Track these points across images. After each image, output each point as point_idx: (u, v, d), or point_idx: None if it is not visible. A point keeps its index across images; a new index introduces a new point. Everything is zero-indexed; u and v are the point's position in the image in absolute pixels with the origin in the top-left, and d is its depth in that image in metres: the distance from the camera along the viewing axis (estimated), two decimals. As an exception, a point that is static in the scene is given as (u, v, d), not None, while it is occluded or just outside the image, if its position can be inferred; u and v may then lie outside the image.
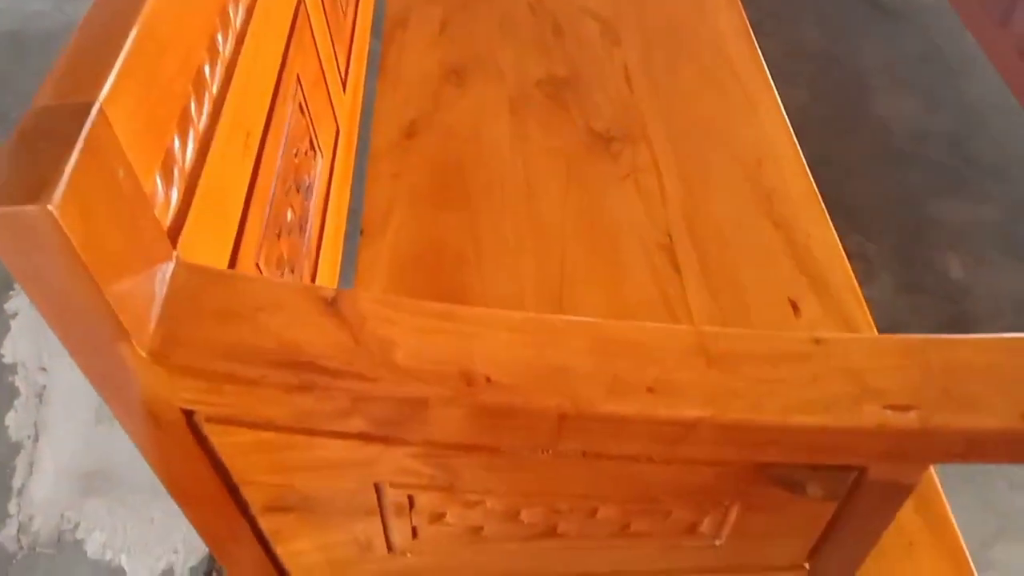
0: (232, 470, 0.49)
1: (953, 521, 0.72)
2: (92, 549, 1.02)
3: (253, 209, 0.59)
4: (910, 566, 0.70)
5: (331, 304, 0.46)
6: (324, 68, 0.83)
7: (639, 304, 0.90)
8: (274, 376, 0.42)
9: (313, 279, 0.74)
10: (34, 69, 1.83)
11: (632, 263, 0.94)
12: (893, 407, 0.48)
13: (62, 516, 1.05)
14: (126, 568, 1.01)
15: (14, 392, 1.17)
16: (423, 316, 0.47)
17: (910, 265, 1.54)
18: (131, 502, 1.08)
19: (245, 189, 0.58)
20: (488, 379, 0.45)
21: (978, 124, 1.83)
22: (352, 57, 0.99)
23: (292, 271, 0.68)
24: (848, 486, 0.53)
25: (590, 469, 0.51)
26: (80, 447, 1.14)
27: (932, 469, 0.78)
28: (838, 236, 0.98)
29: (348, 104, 0.95)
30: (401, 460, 0.49)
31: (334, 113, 0.87)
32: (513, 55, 1.21)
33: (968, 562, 0.71)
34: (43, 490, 1.07)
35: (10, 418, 1.13)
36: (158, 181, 0.45)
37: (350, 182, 0.92)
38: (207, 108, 0.53)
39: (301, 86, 0.74)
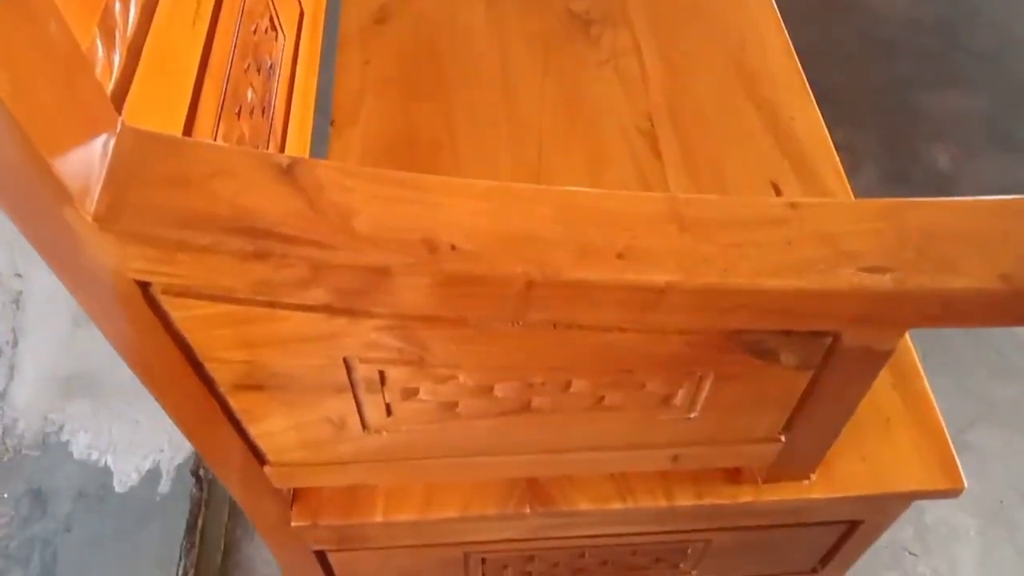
0: (195, 346, 0.48)
1: (932, 398, 0.73)
2: (77, 450, 1.03)
3: (208, 83, 0.56)
4: (887, 441, 0.71)
5: (287, 171, 0.44)
6: (284, -57, 0.79)
7: (618, 189, 0.88)
8: (228, 243, 0.41)
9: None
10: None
11: (612, 149, 0.92)
12: (868, 269, 0.47)
13: (46, 419, 1.05)
14: (112, 468, 1.02)
15: (-11, 299, 1.16)
16: (384, 184, 0.45)
17: (896, 156, 1.52)
18: (114, 404, 1.08)
19: (197, 60, 0.55)
20: (452, 247, 0.44)
21: (970, 9, 1.78)
22: (316, -64, 0.94)
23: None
24: (822, 353, 0.52)
25: (561, 340, 0.50)
26: (60, 351, 1.13)
27: (912, 350, 0.78)
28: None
29: (314, -17, 0.91)
30: (368, 334, 0.48)
31: (298, -6, 0.83)
32: (487, -63, 1.16)
33: (946, 438, 0.72)
34: (25, 394, 1.07)
35: (-13, 324, 1.12)
36: (98, 42, 0.42)
37: (316, 68, 0.89)
38: (149, -29, 0.49)
39: (259, -41, 0.70)
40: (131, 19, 0.47)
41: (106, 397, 1.09)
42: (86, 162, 0.39)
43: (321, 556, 0.76)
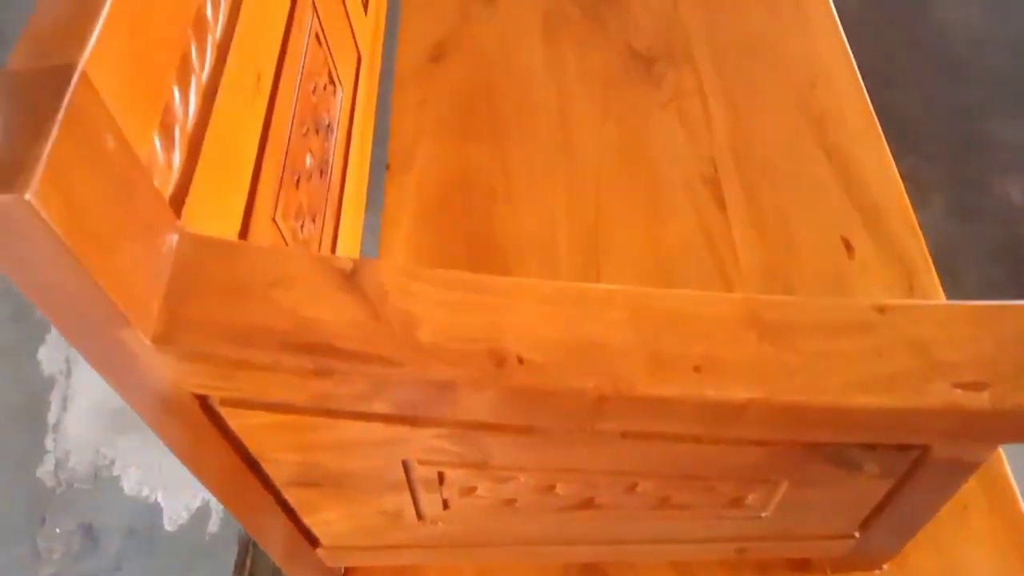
0: (252, 449, 0.46)
1: (1013, 483, 0.69)
2: (128, 486, 1.03)
3: (267, 159, 0.54)
4: (964, 529, 0.67)
5: (349, 277, 0.42)
6: (343, -9, 0.77)
7: (680, 243, 0.85)
8: (289, 361, 0.39)
9: (336, 225, 0.70)
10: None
11: (673, 198, 0.88)
12: (963, 385, 0.44)
13: (97, 452, 1.05)
14: (162, 504, 1.02)
15: (45, 326, 1.16)
16: (449, 288, 0.43)
17: (966, 188, 1.46)
18: (165, 436, 1.08)
19: (257, 139, 0.53)
20: (520, 359, 0.41)
21: (1047, 31, 1.70)
22: (373, -24, 0.92)
23: (313, 220, 0.64)
24: (908, 464, 0.49)
25: (630, 447, 0.47)
26: (113, 380, 1.13)
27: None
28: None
29: (370, 27, 0.89)
30: (429, 440, 0.46)
31: (355, 39, 0.82)
32: (546, -32, 1.13)
33: (1025, 523, 0.68)
34: (77, 426, 1.08)
35: (42, 352, 1.13)
36: (156, 144, 0.41)
37: (374, 114, 0.87)
38: (210, 53, 0.48)
39: (317, 13, 0.68)
40: (191, 110, 0.45)
41: (157, 428, 1.09)
42: (143, 282, 0.37)
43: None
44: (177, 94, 0.44)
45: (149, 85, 0.40)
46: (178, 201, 0.43)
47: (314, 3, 0.68)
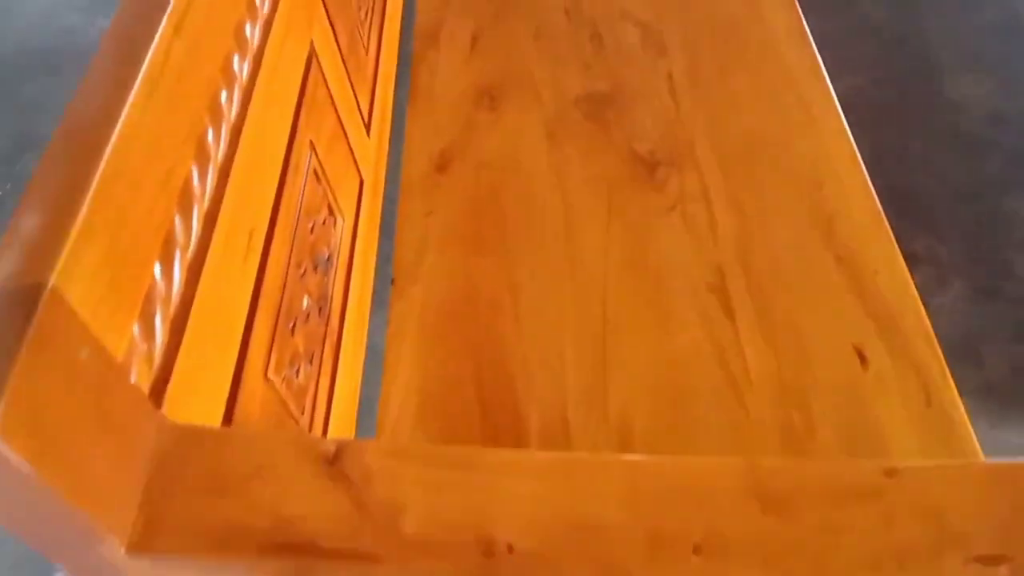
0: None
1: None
2: None
3: (260, 316, 0.54)
4: None
5: (332, 462, 0.41)
6: (343, 120, 0.78)
7: (689, 355, 0.83)
8: (268, 564, 0.38)
9: (335, 360, 0.69)
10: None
11: (681, 308, 0.87)
12: (980, 559, 0.41)
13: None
14: None
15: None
16: (435, 466, 0.42)
17: (984, 268, 1.43)
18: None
19: (249, 299, 0.53)
20: (510, 547, 0.40)
21: (1061, 104, 1.69)
22: (377, 95, 0.94)
23: (311, 361, 0.64)
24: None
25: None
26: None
27: None
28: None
29: (373, 148, 0.90)
30: (419, 624, 0.44)
31: (356, 165, 0.82)
32: (549, 70, 1.14)
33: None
34: None
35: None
36: (136, 335, 0.41)
37: (377, 237, 0.87)
38: (197, 223, 0.48)
39: (315, 151, 0.69)
40: (176, 287, 0.45)
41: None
42: (119, 490, 0.36)
43: None
44: (160, 273, 0.44)
45: (130, 277, 0.40)
46: (159, 387, 0.42)
47: (312, 143, 0.68)
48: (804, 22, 1.16)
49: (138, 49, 0.44)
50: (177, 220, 0.46)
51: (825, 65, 1.13)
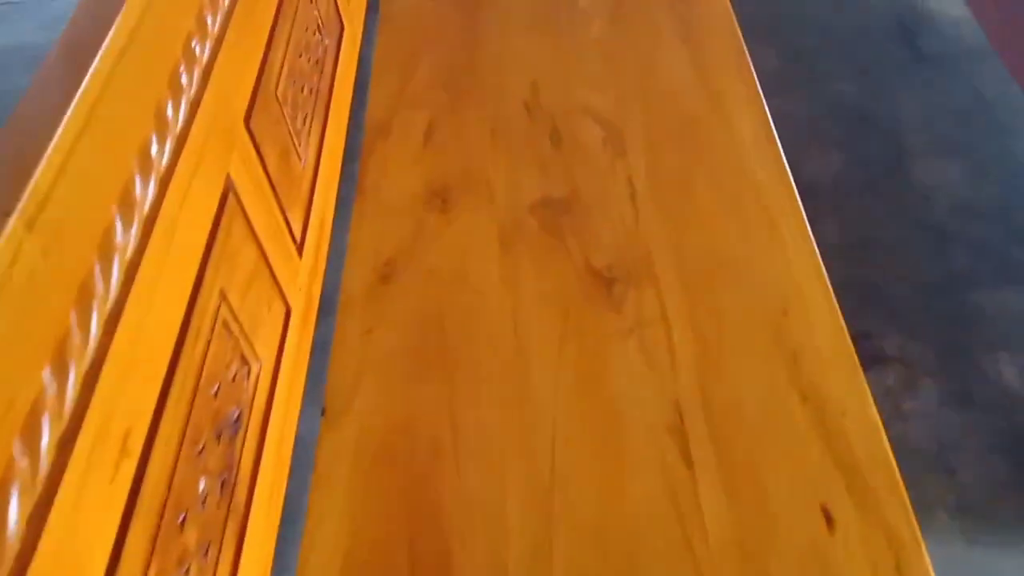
0: None
1: None
2: None
3: (135, 529, 0.46)
4: None
5: None
6: (266, 251, 0.71)
7: (643, 511, 0.76)
8: None
9: (240, 542, 0.61)
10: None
11: (635, 451, 0.80)
12: None
13: None
14: None
15: None
16: None
17: (956, 370, 1.38)
18: None
19: (119, 517, 0.45)
20: None
21: (1031, 193, 1.67)
22: (315, 206, 0.87)
23: (206, 554, 0.56)
24: None
25: None
26: None
27: None
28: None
29: (307, 269, 0.83)
30: None
31: (283, 295, 0.75)
32: (506, 170, 1.08)
33: None
34: None
35: None
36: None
37: (304, 372, 0.80)
38: (48, 453, 0.40)
39: (226, 300, 0.62)
40: (12, 528, 0.37)
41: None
42: None
43: None
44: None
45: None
46: None
47: (222, 291, 0.61)
48: (772, 125, 1.11)
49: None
50: (17, 449, 0.38)
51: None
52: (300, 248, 0.81)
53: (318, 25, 0.93)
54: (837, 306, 0.91)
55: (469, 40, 1.28)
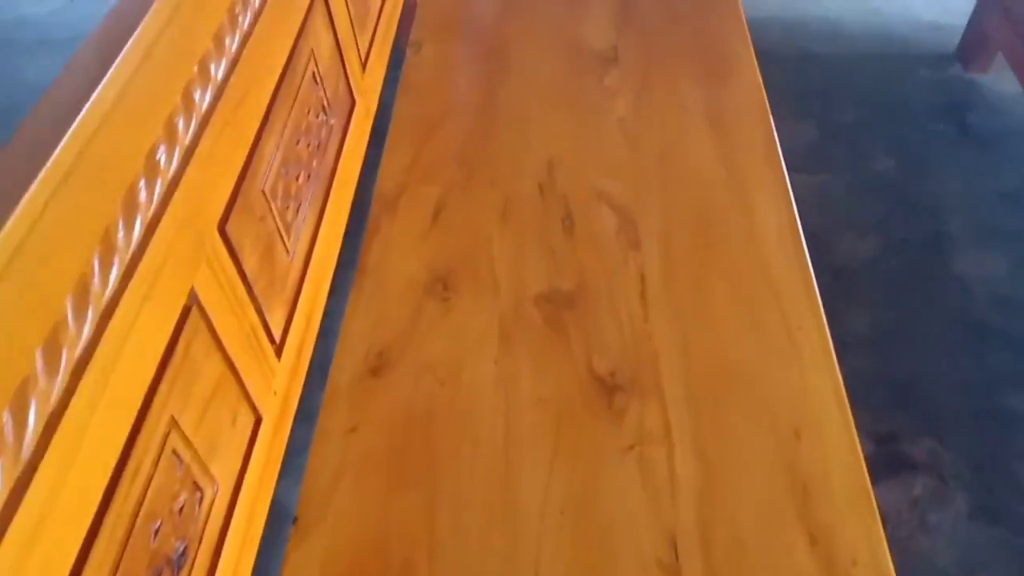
0: None
1: None
2: None
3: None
4: None
5: None
6: (235, 362, 0.67)
7: (626, 659, 0.70)
8: None
9: None
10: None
11: (623, 589, 0.74)
12: None
13: None
14: None
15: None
16: None
17: (989, 483, 1.29)
18: None
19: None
20: None
21: (1076, 291, 1.57)
22: (300, 305, 0.83)
23: None
24: None
25: None
26: None
27: None
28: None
29: (287, 372, 0.79)
30: None
31: (252, 404, 0.71)
32: (513, 255, 1.04)
33: None
34: None
35: None
36: None
37: (271, 491, 0.75)
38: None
39: (178, 427, 0.57)
40: None
41: None
42: None
43: None
44: None
45: None
46: None
47: (173, 419, 0.57)
48: (798, 219, 1.05)
49: None
50: None
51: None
52: (280, 349, 0.77)
53: (323, 106, 0.90)
54: (855, 433, 0.85)
55: (489, 111, 1.24)
